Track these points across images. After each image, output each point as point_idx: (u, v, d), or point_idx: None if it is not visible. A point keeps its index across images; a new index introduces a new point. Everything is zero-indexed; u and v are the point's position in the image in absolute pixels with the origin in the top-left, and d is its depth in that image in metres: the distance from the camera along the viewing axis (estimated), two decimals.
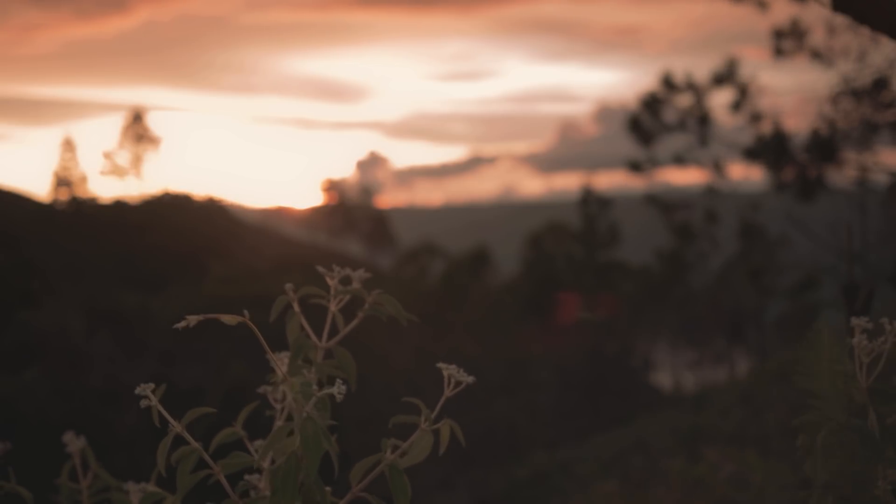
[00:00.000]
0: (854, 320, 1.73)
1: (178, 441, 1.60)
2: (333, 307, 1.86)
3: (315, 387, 1.55)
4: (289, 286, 1.84)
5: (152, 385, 1.58)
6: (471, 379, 1.59)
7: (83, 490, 2.00)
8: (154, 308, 36.23)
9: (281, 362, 1.81)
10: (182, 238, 49.18)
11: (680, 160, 35.67)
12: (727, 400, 14.35)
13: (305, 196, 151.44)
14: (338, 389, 1.52)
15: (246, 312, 1.58)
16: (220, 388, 26.56)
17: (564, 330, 39.02)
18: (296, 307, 1.84)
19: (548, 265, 45.21)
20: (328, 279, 1.85)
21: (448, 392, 1.59)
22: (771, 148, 24.76)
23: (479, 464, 23.55)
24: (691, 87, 34.59)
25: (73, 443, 2.00)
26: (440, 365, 1.60)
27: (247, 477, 1.68)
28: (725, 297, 41.65)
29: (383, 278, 39.77)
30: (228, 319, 1.58)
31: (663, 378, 45.01)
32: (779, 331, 39.49)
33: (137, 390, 1.57)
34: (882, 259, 14.90)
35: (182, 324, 1.55)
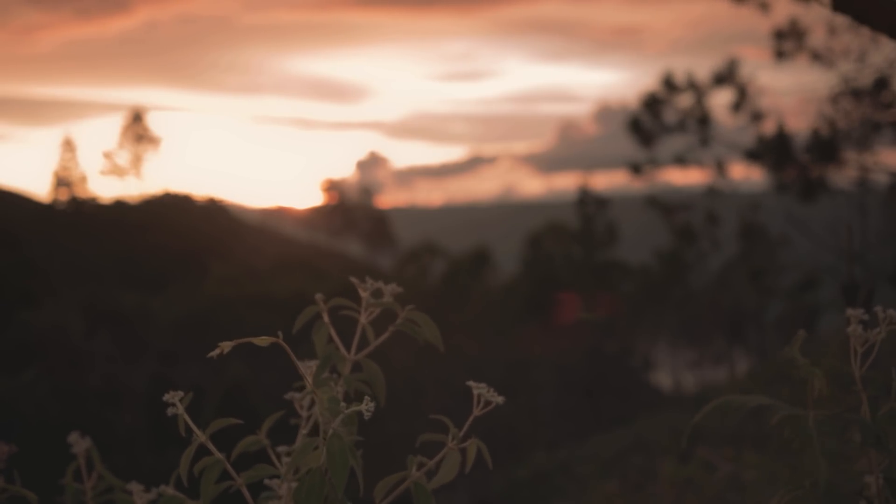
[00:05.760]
0: (850, 311, 1.76)
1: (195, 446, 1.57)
2: (364, 319, 1.83)
3: (342, 401, 1.51)
4: (319, 296, 1.81)
5: (181, 393, 1.53)
6: (501, 399, 1.54)
7: (87, 491, 1.97)
8: (154, 308, 36.23)
9: (308, 371, 1.75)
10: (182, 238, 49.17)
11: (680, 160, 35.61)
12: None
13: (305, 196, 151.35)
14: (366, 407, 1.47)
15: (279, 334, 1.55)
16: (220, 388, 26.54)
17: (564, 330, 38.96)
18: (325, 318, 1.81)
19: (547, 265, 45.20)
20: (360, 291, 1.82)
21: (477, 411, 1.54)
22: (771, 148, 24.76)
23: (480, 464, 23.50)
24: (692, 87, 34.56)
25: (79, 443, 1.97)
26: (470, 384, 1.54)
27: (268, 482, 1.63)
28: (725, 297, 41.63)
29: (383, 278, 39.67)
30: (260, 342, 1.55)
31: (663, 378, 45.01)
32: (779, 331, 39.44)
33: (166, 398, 1.52)
34: (882, 259, 14.93)
35: (216, 352, 1.53)
